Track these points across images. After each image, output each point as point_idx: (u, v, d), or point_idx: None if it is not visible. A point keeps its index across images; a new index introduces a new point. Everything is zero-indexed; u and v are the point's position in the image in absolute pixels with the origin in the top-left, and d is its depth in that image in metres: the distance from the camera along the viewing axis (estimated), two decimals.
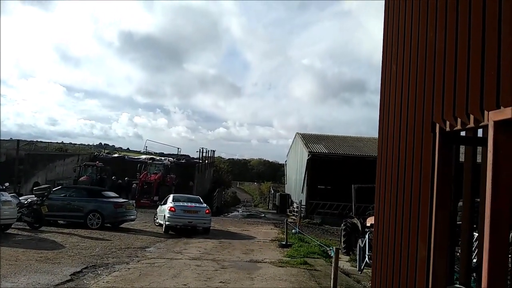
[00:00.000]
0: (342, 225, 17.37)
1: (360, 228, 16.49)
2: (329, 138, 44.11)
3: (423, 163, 4.30)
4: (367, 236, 12.44)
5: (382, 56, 5.90)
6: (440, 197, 4.05)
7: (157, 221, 21.39)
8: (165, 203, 20.81)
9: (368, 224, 15.88)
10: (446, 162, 4.09)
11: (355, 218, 17.18)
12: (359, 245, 13.70)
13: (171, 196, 21.44)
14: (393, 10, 5.54)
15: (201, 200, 21.84)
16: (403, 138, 4.83)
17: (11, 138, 52.86)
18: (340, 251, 16.67)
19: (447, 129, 3.92)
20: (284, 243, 16.41)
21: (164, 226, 19.14)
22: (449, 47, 3.83)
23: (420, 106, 4.43)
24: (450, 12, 3.84)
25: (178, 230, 19.06)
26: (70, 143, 64.70)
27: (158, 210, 21.85)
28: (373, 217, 16.33)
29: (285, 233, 17.26)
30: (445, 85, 3.87)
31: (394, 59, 5.34)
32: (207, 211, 19.89)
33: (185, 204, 19.92)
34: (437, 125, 4.06)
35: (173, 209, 19.02)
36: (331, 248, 10.77)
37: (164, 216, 19.19)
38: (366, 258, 11.90)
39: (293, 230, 20.62)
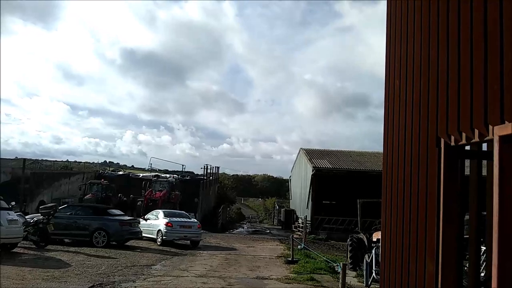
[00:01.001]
0: (348, 240, 17.27)
1: (366, 243, 16.38)
2: (333, 153, 44.08)
3: (429, 177, 4.33)
4: (373, 251, 12.37)
5: (385, 72, 5.97)
6: (447, 211, 4.07)
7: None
8: (149, 218, 22.52)
9: (374, 239, 15.78)
10: (452, 176, 4.12)
11: (361, 233, 17.09)
12: (366, 260, 13.61)
13: (161, 211, 23.07)
14: (395, 26, 5.63)
15: (188, 214, 23.95)
16: (408, 153, 4.87)
17: (16, 157, 53.12)
18: (346, 266, 16.60)
19: (452, 143, 3.96)
20: (290, 259, 16.33)
21: (161, 240, 20.54)
22: (452, 62, 3.89)
23: (424, 121, 4.47)
24: (452, 27, 3.91)
25: (177, 246, 19.80)
26: (75, 161, 64.93)
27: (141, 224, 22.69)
28: (380, 232, 16.27)
29: (291, 249, 17.17)
30: (449, 100, 3.92)
31: (397, 74, 5.40)
32: (198, 225, 22.04)
33: (180, 219, 21.74)
34: (442, 140, 4.10)
35: (170, 224, 20.74)
36: (338, 264, 10.73)
37: (160, 230, 20.70)
38: (373, 274, 11.82)
39: (299, 246, 20.52)
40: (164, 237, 20.40)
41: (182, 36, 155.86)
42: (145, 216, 23.25)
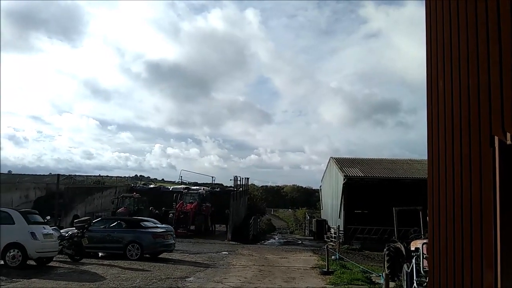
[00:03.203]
0: (385, 249, 16.77)
1: (404, 253, 15.88)
2: (364, 161, 43.36)
3: (483, 180, 4.04)
4: (413, 261, 11.91)
5: (426, 73, 5.69)
6: (505, 214, 3.78)
7: None
8: None
9: (412, 248, 15.27)
10: (508, 176, 3.83)
11: (398, 242, 16.59)
12: (405, 270, 13.16)
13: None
14: (435, 24, 5.36)
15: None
16: (458, 156, 4.57)
17: (50, 173, 54.37)
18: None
19: (508, 141, 3.69)
20: (325, 270, 15.95)
21: None
22: (505, 53, 3.64)
23: (475, 120, 4.20)
24: (504, 12, 3.66)
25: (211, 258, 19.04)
26: (107, 176, 65.86)
27: None
28: (418, 240, 15.75)
29: (326, 260, 16.78)
30: (503, 95, 3.66)
31: (441, 74, 5.13)
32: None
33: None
34: (496, 138, 3.82)
35: None
36: (379, 274, 10.40)
37: None
38: (414, 284, 11.36)
39: (333, 257, 20.10)
40: None
41: (207, 47, 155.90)
42: None
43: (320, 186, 57.26)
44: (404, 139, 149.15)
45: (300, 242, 39.87)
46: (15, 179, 42.40)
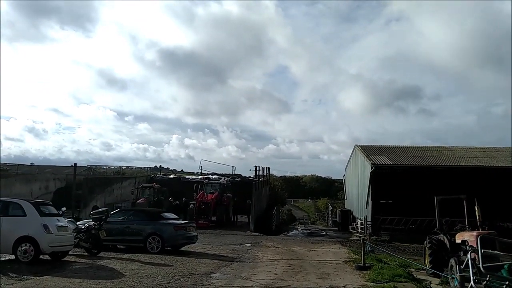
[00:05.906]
0: (426, 242, 15.36)
1: (448, 246, 14.47)
2: (391, 149, 41.72)
3: None
4: (468, 255, 10.48)
5: None
6: None
7: None
8: None
9: (458, 241, 13.87)
10: None
11: (441, 234, 15.17)
12: (453, 265, 11.78)
13: None
14: None
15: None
16: None
17: (71, 165, 54.10)
18: (426, 272, 14.75)
19: None
20: (361, 264, 14.61)
21: None
22: None
23: None
24: None
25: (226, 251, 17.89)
26: (127, 167, 65.39)
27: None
28: (466, 233, 14.31)
29: (362, 254, 15.41)
30: None
31: None
32: None
33: None
34: None
35: None
36: (453, 276, 9.13)
37: None
38: (471, 282, 9.94)
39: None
40: None
41: (222, 33, 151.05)
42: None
43: (344, 175, 55.82)
44: (427, 127, 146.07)
45: (324, 233, 38.75)
46: (34, 170, 42.11)
